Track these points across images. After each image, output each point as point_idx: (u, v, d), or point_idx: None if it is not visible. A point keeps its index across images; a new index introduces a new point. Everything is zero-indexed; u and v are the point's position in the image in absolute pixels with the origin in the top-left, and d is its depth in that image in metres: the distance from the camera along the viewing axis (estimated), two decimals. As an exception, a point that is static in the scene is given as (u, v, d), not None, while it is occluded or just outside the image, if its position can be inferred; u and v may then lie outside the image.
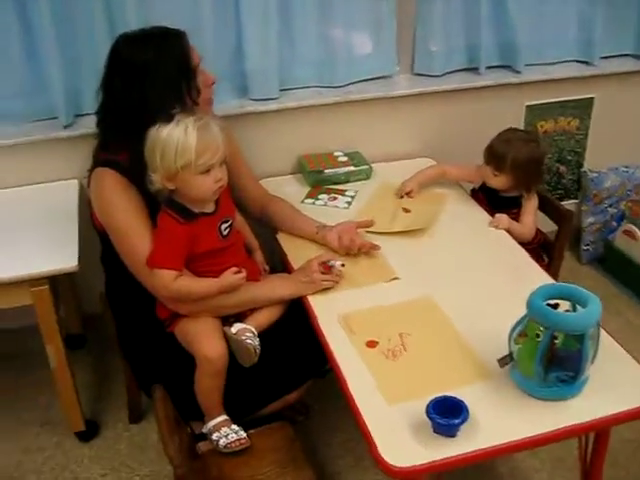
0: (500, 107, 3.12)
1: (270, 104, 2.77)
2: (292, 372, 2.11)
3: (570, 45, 3.20)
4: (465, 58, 3.07)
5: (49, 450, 2.49)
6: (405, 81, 3.02)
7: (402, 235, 2.39)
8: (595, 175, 3.43)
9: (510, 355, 1.76)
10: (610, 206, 3.48)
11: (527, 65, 3.11)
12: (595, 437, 1.94)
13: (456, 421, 1.60)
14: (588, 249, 3.55)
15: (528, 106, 3.19)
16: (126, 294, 2.16)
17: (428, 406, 1.63)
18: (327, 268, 2.12)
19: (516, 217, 2.58)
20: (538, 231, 2.69)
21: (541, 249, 2.69)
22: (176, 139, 1.84)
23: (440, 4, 2.89)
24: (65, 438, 2.51)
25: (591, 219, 3.48)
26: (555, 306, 1.73)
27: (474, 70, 3.07)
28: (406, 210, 2.56)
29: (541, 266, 2.36)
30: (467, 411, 1.61)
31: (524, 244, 2.49)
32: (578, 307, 1.73)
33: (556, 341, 1.66)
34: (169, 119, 1.87)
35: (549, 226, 2.70)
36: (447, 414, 1.61)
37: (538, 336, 1.66)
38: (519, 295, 1.98)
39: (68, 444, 2.50)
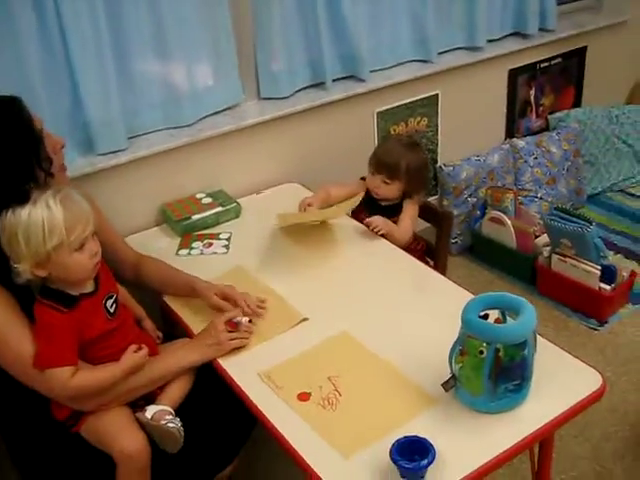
0: (352, 118, 3.08)
1: (120, 156, 2.52)
2: (222, 445, 1.92)
3: (407, 46, 3.21)
4: (309, 74, 2.99)
5: None
6: (254, 108, 2.88)
7: (294, 272, 2.27)
8: (450, 169, 3.47)
9: (453, 377, 1.68)
10: (470, 196, 3.54)
11: (371, 71, 3.08)
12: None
13: (424, 462, 1.48)
14: (456, 241, 3.59)
15: (379, 112, 3.16)
16: (8, 402, 1.87)
17: (391, 451, 1.51)
18: (233, 325, 1.93)
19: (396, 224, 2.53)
20: (420, 237, 2.66)
21: (425, 254, 2.67)
22: (40, 219, 1.60)
23: (277, 22, 2.78)
24: None
25: (454, 212, 3.52)
26: (485, 317, 1.68)
27: (320, 85, 3.00)
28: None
29: (428, 268, 2.36)
30: (433, 449, 1.50)
31: (409, 250, 2.45)
32: (507, 313, 1.70)
33: (500, 354, 1.60)
34: (23, 199, 1.62)
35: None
36: (412, 455, 1.50)
37: (482, 353, 1.59)
38: (431, 308, 2.06)
39: None
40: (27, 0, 2.21)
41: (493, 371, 1.59)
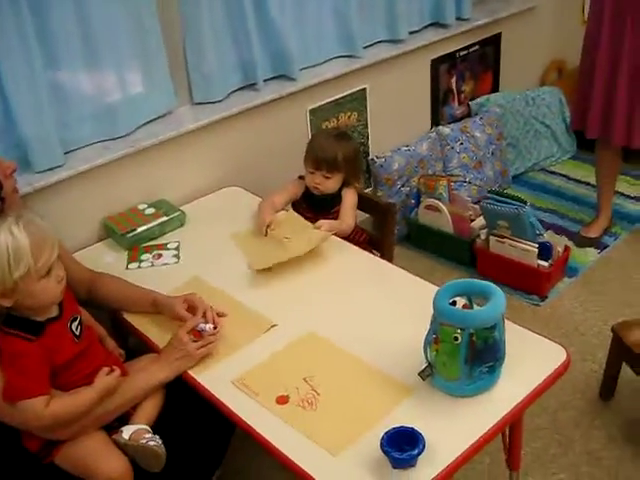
0: (285, 117, 3.09)
1: (59, 172, 2.45)
2: (203, 456, 1.90)
3: (333, 42, 3.24)
4: (241, 76, 2.98)
5: None
6: (188, 113, 2.85)
7: (248, 277, 2.26)
8: (382, 160, 3.51)
9: (429, 365, 1.72)
10: (403, 186, 3.59)
11: (301, 69, 3.10)
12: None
13: (416, 452, 1.52)
14: (393, 231, 3.64)
15: (311, 110, 3.18)
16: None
17: (382, 443, 1.54)
18: (197, 335, 1.90)
19: (337, 215, 2.57)
20: (362, 229, 2.70)
21: (369, 245, 2.71)
22: (4, 247, 1.55)
23: (206, 25, 2.75)
24: None
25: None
26: (453, 304, 1.72)
27: (252, 86, 2.99)
28: (287, 238, 2.38)
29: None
30: (423, 438, 1.54)
31: (353, 241, 2.50)
32: (473, 299, 1.76)
33: (473, 338, 1.64)
34: None
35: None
36: (400, 445, 1.53)
37: (457, 339, 1.64)
38: (393, 300, 2.08)
39: None
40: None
41: (469, 355, 1.64)
